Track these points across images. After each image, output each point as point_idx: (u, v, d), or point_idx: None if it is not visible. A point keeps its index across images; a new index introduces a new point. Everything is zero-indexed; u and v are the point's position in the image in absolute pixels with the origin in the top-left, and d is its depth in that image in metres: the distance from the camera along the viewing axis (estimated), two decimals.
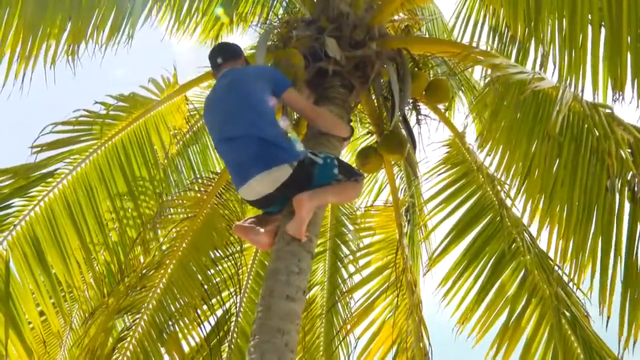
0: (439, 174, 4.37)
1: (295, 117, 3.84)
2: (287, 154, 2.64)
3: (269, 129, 2.68)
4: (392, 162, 4.50)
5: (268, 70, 3.05)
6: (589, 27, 2.46)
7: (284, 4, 4.72)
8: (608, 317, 2.80)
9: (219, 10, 4.78)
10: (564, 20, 2.49)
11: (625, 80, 2.43)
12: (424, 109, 4.05)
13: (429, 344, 4.28)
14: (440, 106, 4.18)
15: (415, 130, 3.89)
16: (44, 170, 3.71)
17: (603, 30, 2.45)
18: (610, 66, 2.44)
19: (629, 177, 2.71)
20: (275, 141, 2.65)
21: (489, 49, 4.19)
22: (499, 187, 3.99)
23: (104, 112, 3.92)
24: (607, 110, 2.81)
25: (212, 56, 3.13)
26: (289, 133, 3.32)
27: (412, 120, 3.93)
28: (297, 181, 2.63)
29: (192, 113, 4.57)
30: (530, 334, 3.68)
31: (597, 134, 2.76)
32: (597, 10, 2.41)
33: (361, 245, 5.07)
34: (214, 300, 4.14)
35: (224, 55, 3.10)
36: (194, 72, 5.29)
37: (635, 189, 2.66)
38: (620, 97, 2.45)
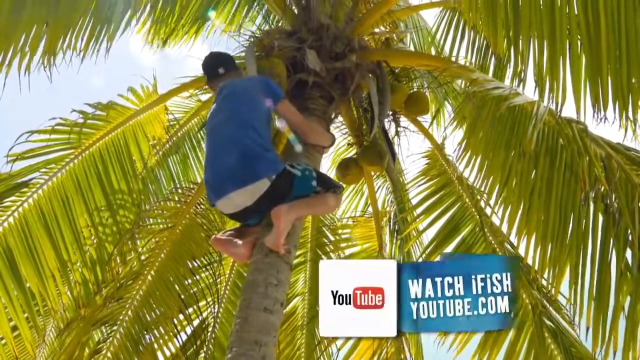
0: (419, 185, 4.39)
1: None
2: (266, 167, 2.62)
3: (252, 137, 2.66)
4: (373, 174, 4.51)
5: (263, 81, 3.00)
6: (568, 43, 2.50)
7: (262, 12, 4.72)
8: (587, 328, 2.82)
9: (212, 14, 4.75)
10: (544, 36, 2.53)
11: (607, 99, 2.47)
12: (403, 121, 4.08)
13: (410, 355, 4.28)
14: (424, 117, 4.21)
15: (395, 141, 3.91)
16: (19, 180, 3.64)
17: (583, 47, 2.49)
18: (591, 84, 2.47)
19: (601, 190, 2.75)
20: (256, 152, 2.63)
21: (467, 63, 4.24)
22: (478, 197, 4.02)
23: (81, 120, 3.87)
24: (581, 126, 2.86)
25: (212, 66, 3.04)
26: (288, 135, 3.29)
27: (391, 132, 3.95)
28: (275, 193, 2.62)
29: (172, 123, 4.53)
30: (511, 342, 3.70)
31: (571, 149, 2.81)
32: (576, 27, 2.45)
33: (342, 256, 5.05)
34: (190, 310, 4.10)
35: (226, 65, 3.03)
36: (170, 83, 5.25)
37: (608, 202, 2.70)
38: (603, 116, 2.48)
